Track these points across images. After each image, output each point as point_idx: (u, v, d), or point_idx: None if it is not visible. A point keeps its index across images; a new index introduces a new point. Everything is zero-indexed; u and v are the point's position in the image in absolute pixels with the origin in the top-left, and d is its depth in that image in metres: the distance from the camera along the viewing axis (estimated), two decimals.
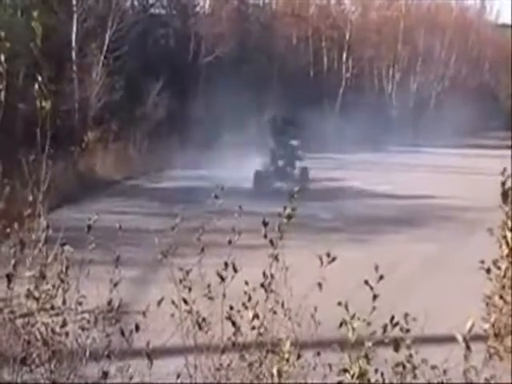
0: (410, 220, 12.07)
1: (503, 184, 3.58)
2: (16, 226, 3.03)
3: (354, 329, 2.32)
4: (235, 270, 3.02)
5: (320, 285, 3.03)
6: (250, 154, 15.78)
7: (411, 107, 34.97)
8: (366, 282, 2.62)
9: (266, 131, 16.65)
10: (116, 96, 19.76)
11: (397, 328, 2.46)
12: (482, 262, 3.47)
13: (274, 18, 32.52)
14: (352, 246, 9.66)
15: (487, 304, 4.88)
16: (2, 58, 2.84)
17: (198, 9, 28.51)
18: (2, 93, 2.89)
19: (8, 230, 3.05)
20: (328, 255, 3.00)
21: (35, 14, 2.90)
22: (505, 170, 3.66)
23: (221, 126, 18.49)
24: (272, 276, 3.00)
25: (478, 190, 13.83)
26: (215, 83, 24.93)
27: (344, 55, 33.29)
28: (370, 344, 2.43)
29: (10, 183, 3.00)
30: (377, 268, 2.67)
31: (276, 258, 3.00)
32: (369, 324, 2.50)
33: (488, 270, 3.41)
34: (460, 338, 2.11)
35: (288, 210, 3.08)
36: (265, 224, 3.09)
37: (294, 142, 16.68)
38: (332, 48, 33.70)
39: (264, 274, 3.01)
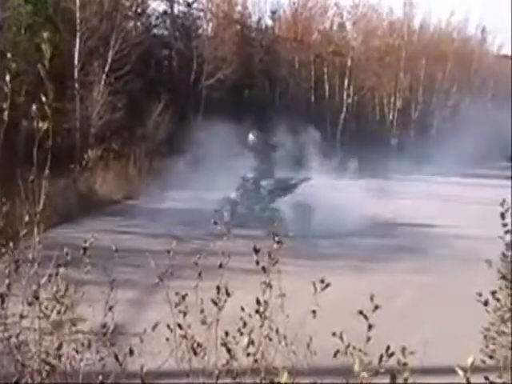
0: (410, 248, 12.04)
1: (502, 215, 3.58)
2: (11, 245, 3.01)
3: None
4: (228, 294, 2.99)
5: (314, 312, 3.00)
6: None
7: (412, 135, 35.07)
8: (361, 313, 2.59)
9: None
10: (117, 115, 19.80)
11: (393, 358, 2.43)
12: (480, 294, 3.44)
13: (276, 43, 32.74)
14: (351, 274, 9.65)
15: (485, 336, 4.84)
16: (8, 77, 2.83)
17: (200, 31, 28.71)
18: (6, 112, 2.88)
19: (3, 249, 3.03)
20: (322, 281, 2.97)
21: (45, 35, 2.90)
22: (504, 201, 3.67)
23: (221, 149, 18.46)
24: (266, 303, 2.97)
25: (477, 220, 13.82)
26: (216, 106, 24.98)
27: (346, 81, 33.46)
28: (365, 375, 2.39)
29: (8, 202, 2.98)
30: (372, 298, 2.64)
31: (269, 284, 2.97)
32: (365, 354, 2.46)
33: (486, 303, 3.38)
34: (461, 372, 2.08)
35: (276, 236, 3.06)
36: (256, 251, 3.05)
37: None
38: (334, 74, 33.88)
39: (258, 301, 2.98)
